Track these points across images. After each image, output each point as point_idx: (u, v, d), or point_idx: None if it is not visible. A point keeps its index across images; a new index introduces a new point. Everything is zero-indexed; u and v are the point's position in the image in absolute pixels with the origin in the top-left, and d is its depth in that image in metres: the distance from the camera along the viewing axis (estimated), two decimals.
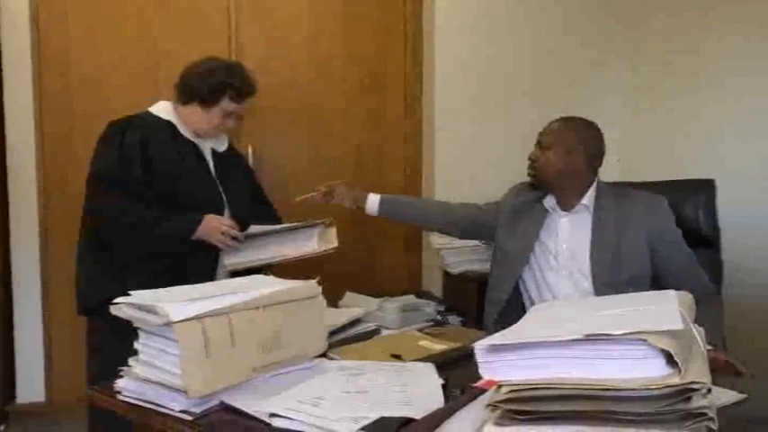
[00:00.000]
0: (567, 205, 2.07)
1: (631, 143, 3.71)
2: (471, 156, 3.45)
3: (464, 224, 2.33)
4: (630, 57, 3.74)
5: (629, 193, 2.07)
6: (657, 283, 1.98)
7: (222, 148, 2.30)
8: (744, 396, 1.25)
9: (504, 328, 2.11)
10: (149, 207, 2.04)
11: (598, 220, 2.02)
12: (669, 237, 1.99)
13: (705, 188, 2.45)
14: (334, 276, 1.87)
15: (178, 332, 1.17)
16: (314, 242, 2.15)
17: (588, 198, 2.04)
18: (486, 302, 2.21)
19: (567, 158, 2.01)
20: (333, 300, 1.76)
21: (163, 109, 2.19)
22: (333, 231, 2.20)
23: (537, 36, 3.60)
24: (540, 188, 2.12)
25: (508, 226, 2.17)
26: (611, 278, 1.95)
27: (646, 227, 1.97)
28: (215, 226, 2.06)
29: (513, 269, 2.11)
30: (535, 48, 3.60)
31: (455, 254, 3.02)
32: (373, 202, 2.34)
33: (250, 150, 3.14)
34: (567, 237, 2.05)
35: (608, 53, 3.76)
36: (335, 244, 2.15)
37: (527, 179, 2.17)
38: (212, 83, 2.14)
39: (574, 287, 2.01)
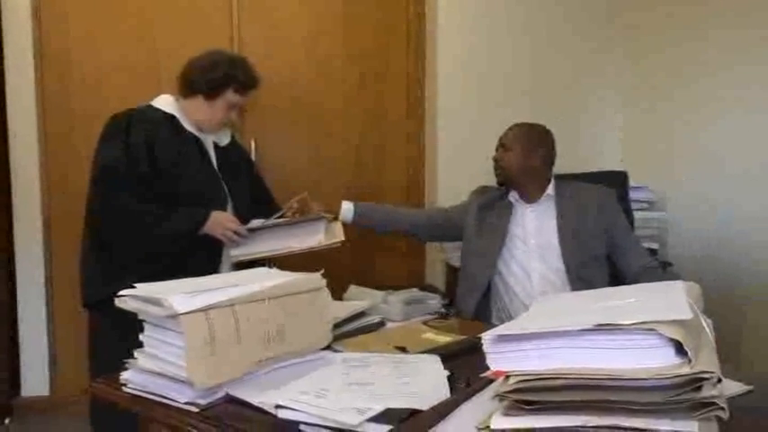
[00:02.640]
0: (530, 198, 2.32)
1: (633, 142, 3.73)
2: (472, 155, 3.45)
3: (430, 226, 2.54)
4: (631, 56, 3.76)
5: (582, 185, 2.35)
6: (609, 258, 2.28)
7: (225, 141, 2.29)
8: (749, 388, 1.25)
9: (487, 315, 2.22)
10: (155, 204, 2.03)
11: (561, 207, 2.27)
12: (620, 223, 2.29)
13: (618, 179, 2.76)
14: (338, 269, 1.87)
15: (183, 324, 1.16)
16: (321, 236, 2.15)
17: (551, 189, 2.31)
18: (460, 295, 2.34)
19: (528, 156, 2.29)
20: (337, 293, 1.76)
21: (165, 102, 2.18)
22: (338, 225, 2.24)
23: (537, 36, 3.61)
24: (505, 185, 2.36)
25: (477, 223, 2.36)
26: (579, 257, 2.19)
27: (602, 215, 2.24)
28: (220, 221, 2.06)
29: (489, 262, 2.28)
30: (535, 48, 3.60)
31: (459, 247, 3.01)
32: (347, 209, 2.41)
33: (253, 146, 3.15)
34: (535, 225, 2.28)
35: (609, 54, 3.78)
36: (342, 238, 2.17)
37: None
38: (216, 76, 2.14)
39: (546, 266, 2.22)
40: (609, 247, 2.25)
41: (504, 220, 2.30)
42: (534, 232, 2.26)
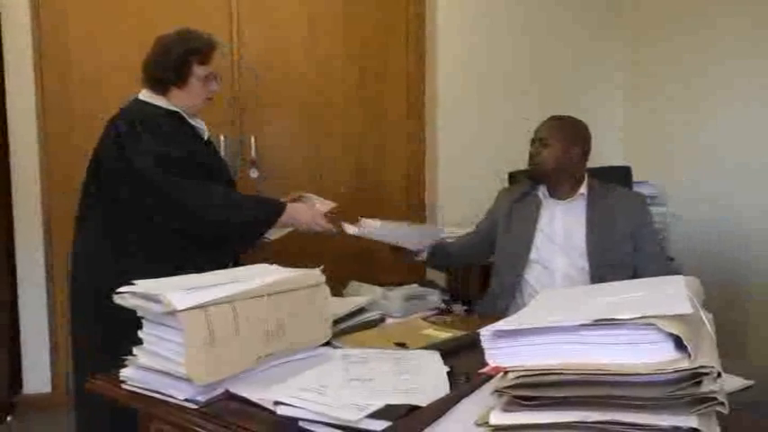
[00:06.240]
0: (562, 195, 2.25)
1: (633, 140, 3.74)
2: (472, 155, 3.46)
3: (481, 244, 2.43)
4: (631, 56, 3.76)
5: (614, 188, 2.29)
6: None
7: (206, 135, 2.24)
8: (750, 383, 1.25)
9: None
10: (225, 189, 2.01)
11: (592, 207, 2.21)
12: (646, 228, 2.21)
13: (622, 174, 2.76)
14: (337, 265, 1.87)
15: (182, 321, 1.16)
16: (319, 205, 2.20)
17: (584, 188, 2.23)
18: (490, 296, 2.30)
19: (567, 152, 2.20)
20: (337, 289, 1.75)
21: (156, 98, 2.12)
22: (319, 198, 2.25)
23: (537, 35, 3.62)
24: (539, 181, 2.29)
25: (506, 222, 2.31)
26: (604, 259, 2.13)
27: (631, 219, 2.17)
28: (309, 212, 2.10)
29: (518, 259, 2.23)
30: (535, 47, 3.61)
31: None
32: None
33: (252, 145, 3.15)
34: (563, 224, 2.22)
35: (609, 54, 3.78)
36: (334, 203, 2.23)
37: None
38: (174, 59, 2.07)
39: (570, 265, 2.17)
40: (633, 250, 2.19)
41: (532, 218, 2.25)
42: (562, 231, 2.21)
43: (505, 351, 1.00)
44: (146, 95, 2.14)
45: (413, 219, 3.56)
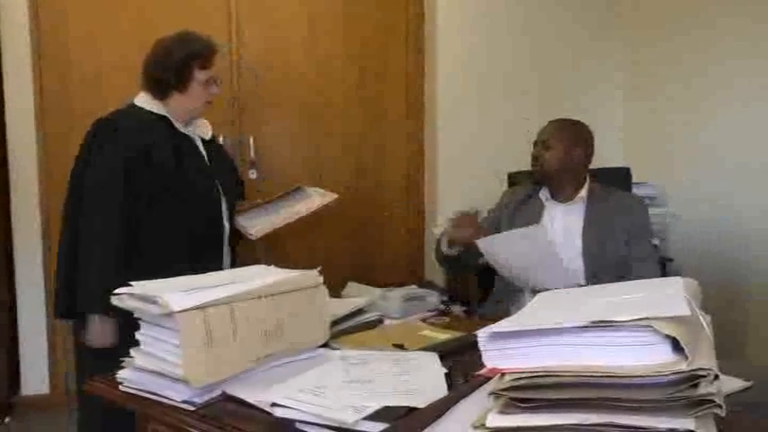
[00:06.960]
0: (564, 197, 2.28)
1: (633, 141, 3.74)
2: (472, 155, 3.46)
3: None
4: (631, 57, 3.76)
5: (615, 191, 2.32)
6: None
7: (209, 135, 2.23)
8: (748, 384, 1.24)
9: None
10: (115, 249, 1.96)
11: (591, 209, 2.23)
12: (640, 230, 2.22)
13: (622, 175, 2.79)
14: (335, 266, 1.87)
15: (180, 322, 1.15)
16: (316, 198, 2.32)
17: (584, 191, 2.26)
18: (493, 297, 2.31)
19: (569, 154, 2.23)
20: (335, 290, 1.75)
21: (150, 102, 2.10)
22: (318, 190, 2.39)
23: (537, 36, 3.62)
24: (541, 183, 2.31)
25: (509, 224, 2.30)
26: (600, 259, 2.16)
27: (627, 220, 2.20)
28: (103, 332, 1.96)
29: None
30: (535, 47, 3.61)
31: None
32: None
33: (251, 145, 3.16)
34: (563, 225, 2.25)
35: (609, 54, 3.78)
36: (335, 195, 2.35)
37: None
38: (175, 62, 2.05)
39: (569, 265, 2.15)
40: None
41: (534, 220, 2.25)
42: (561, 232, 2.24)
43: (503, 353, 1.00)
44: (141, 100, 2.12)
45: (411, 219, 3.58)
